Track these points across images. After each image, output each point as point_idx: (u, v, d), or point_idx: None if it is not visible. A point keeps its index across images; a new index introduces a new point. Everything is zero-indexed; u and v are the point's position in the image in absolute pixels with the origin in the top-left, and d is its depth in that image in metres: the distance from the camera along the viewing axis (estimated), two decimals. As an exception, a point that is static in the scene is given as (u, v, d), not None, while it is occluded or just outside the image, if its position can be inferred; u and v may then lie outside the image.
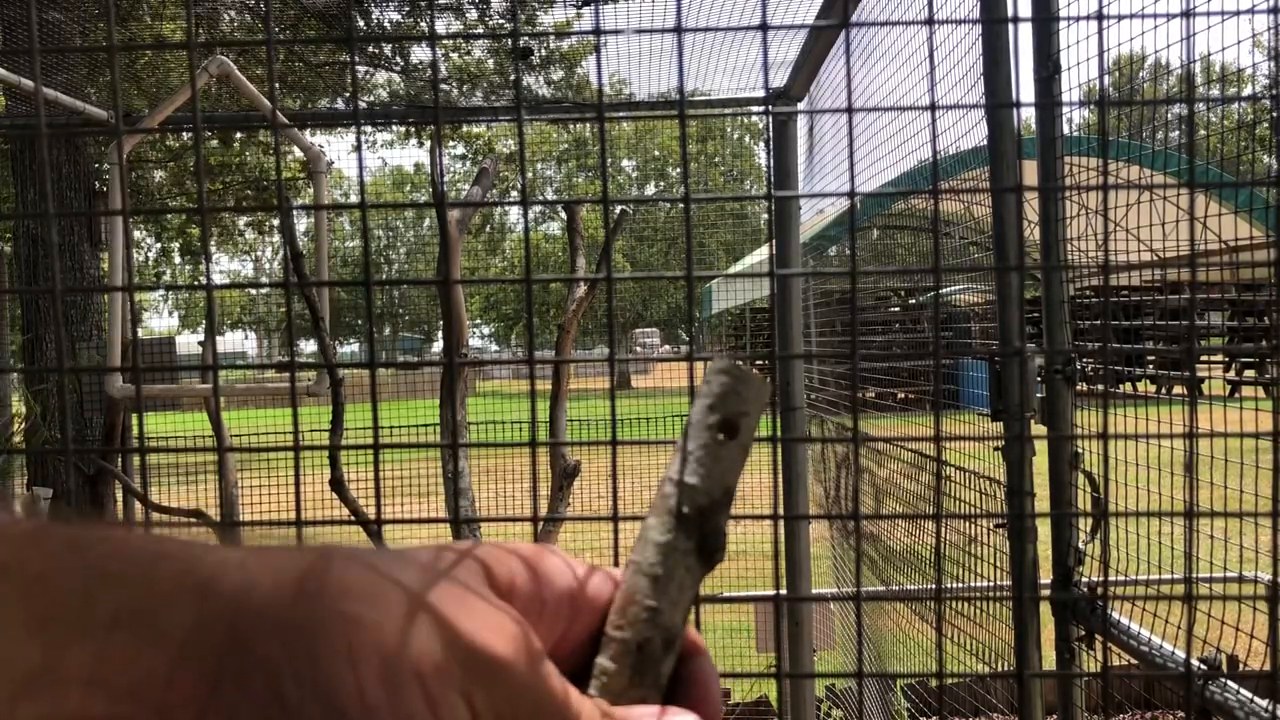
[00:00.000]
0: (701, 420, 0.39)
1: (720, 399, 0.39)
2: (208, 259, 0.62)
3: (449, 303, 0.63)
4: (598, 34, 0.63)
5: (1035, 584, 1.67)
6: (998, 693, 3.31)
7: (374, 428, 0.61)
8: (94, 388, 4.37)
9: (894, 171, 2.31)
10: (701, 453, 0.38)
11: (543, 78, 8.46)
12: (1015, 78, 1.59)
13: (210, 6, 4.99)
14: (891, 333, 5.24)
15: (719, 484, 0.38)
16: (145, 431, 1.34)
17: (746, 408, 0.39)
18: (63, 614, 0.30)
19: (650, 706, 0.36)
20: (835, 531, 3.53)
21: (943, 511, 0.58)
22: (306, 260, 2.79)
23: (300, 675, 0.30)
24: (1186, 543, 0.61)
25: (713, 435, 0.38)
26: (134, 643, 0.30)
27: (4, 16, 3.75)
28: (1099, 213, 1.55)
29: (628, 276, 0.67)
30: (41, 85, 0.54)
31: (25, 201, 5.56)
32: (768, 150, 2.98)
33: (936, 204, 0.62)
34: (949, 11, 1.94)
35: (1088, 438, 1.54)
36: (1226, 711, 1.17)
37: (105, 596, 0.31)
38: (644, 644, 0.36)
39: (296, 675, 0.30)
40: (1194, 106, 0.63)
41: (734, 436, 0.39)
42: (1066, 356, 1.58)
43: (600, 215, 4.05)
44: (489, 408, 9.03)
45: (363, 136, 4.84)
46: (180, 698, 0.29)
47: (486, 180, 2.72)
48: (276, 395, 3.22)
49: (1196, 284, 0.58)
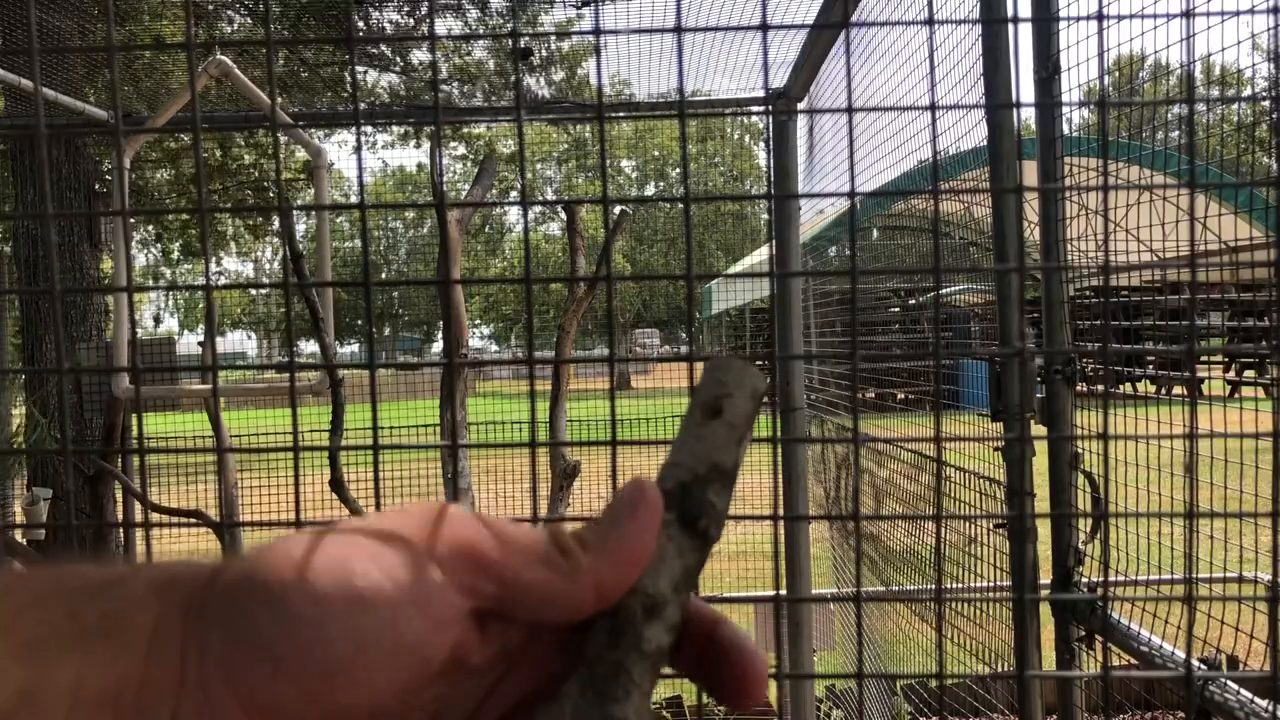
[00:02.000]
0: (689, 411, 0.41)
1: (703, 388, 0.41)
2: (207, 259, 0.62)
3: (449, 303, 0.62)
4: (597, 34, 0.63)
5: (1035, 584, 1.67)
6: (998, 693, 3.31)
7: (374, 428, 0.61)
8: (94, 388, 4.37)
9: (894, 172, 2.31)
10: (684, 435, 0.40)
11: (544, 78, 8.46)
12: (1015, 78, 1.58)
13: (210, 7, 4.99)
14: (891, 333, 5.25)
15: (703, 460, 0.39)
16: (145, 432, 1.34)
17: (728, 390, 0.41)
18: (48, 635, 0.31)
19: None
20: (835, 532, 3.53)
21: (943, 512, 0.58)
22: (307, 260, 2.78)
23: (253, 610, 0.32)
24: (1186, 543, 0.61)
25: (694, 419, 0.40)
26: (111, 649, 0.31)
27: (3, 17, 3.75)
28: (1099, 213, 1.55)
29: (628, 277, 0.67)
30: (41, 86, 0.54)
31: (25, 202, 5.56)
32: (768, 150, 2.98)
33: (936, 204, 0.62)
34: (949, 11, 1.94)
35: (1088, 438, 1.54)
36: (1226, 712, 1.17)
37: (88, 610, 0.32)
38: (619, 608, 0.36)
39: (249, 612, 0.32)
40: (1194, 107, 0.63)
41: (717, 417, 0.40)
42: (1066, 357, 1.58)
43: (600, 215, 4.05)
44: (489, 408, 9.03)
45: (362, 137, 4.84)
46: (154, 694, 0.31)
47: (486, 180, 2.72)
48: (276, 395, 3.23)
49: (1196, 284, 0.58)
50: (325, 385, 2.66)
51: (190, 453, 7.81)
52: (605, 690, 0.35)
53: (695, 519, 0.38)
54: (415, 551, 0.34)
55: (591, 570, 0.35)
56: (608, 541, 0.36)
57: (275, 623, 0.31)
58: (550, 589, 0.35)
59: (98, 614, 0.32)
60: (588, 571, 0.35)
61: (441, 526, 0.35)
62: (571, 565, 0.35)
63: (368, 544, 0.34)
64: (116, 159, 0.64)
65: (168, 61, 4.17)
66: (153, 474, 5.92)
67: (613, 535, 0.36)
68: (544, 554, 0.35)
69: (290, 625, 0.31)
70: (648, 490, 0.38)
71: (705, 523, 0.38)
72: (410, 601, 0.33)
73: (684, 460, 0.39)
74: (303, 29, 4.86)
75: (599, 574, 0.36)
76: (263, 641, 0.31)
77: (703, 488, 0.39)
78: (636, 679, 0.35)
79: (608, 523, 0.37)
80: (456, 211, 2.58)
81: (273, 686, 0.31)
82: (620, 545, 0.36)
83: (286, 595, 0.31)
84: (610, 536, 0.36)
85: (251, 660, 0.31)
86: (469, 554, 0.34)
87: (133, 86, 3.94)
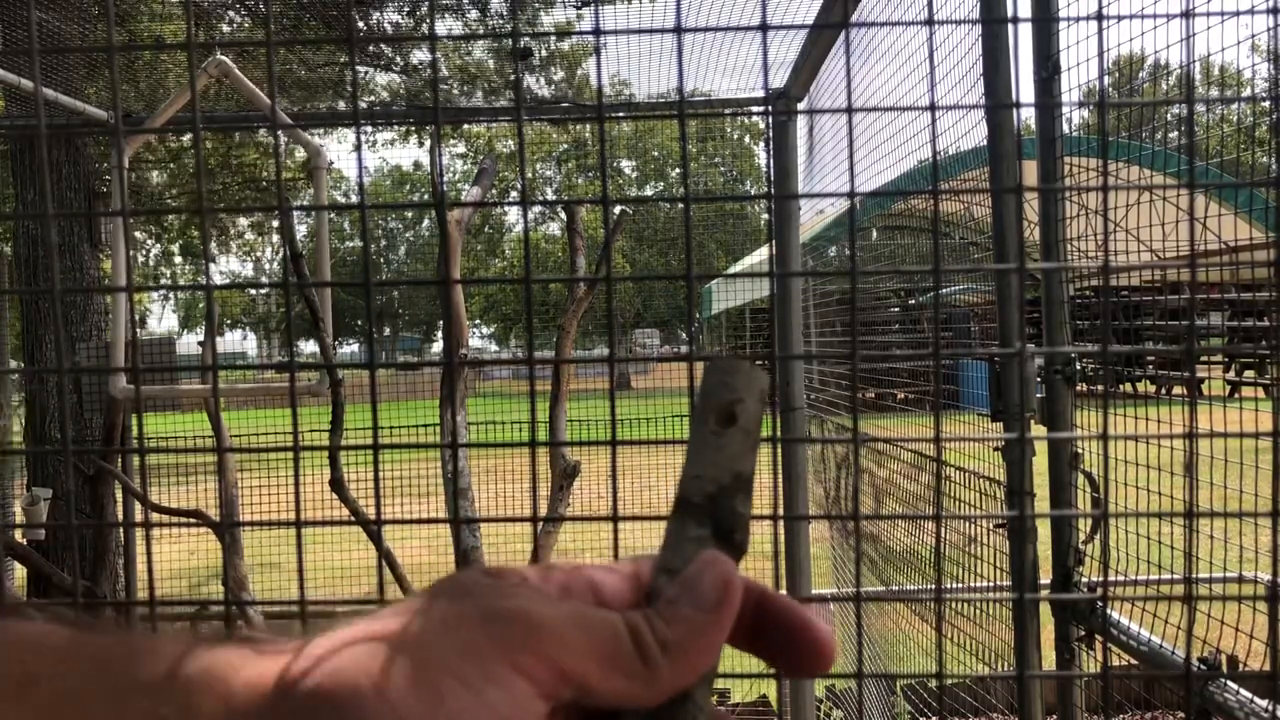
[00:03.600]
0: (699, 416, 0.40)
1: (712, 393, 0.40)
2: (207, 259, 0.62)
3: (449, 303, 0.62)
4: (597, 34, 0.63)
5: (1035, 584, 1.67)
6: (998, 693, 3.31)
7: (374, 428, 0.61)
8: (93, 388, 4.37)
9: (894, 171, 2.31)
10: (702, 445, 0.40)
11: (543, 78, 8.46)
12: (1015, 78, 1.58)
13: (206, 4, 4.99)
14: (891, 333, 5.25)
15: (726, 470, 0.39)
16: (145, 432, 1.34)
17: (739, 394, 0.40)
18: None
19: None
20: (835, 532, 3.53)
21: (943, 512, 0.58)
22: (307, 260, 2.79)
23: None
24: (1186, 543, 0.61)
25: (710, 428, 0.40)
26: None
27: (3, 17, 3.75)
28: (1099, 213, 1.55)
29: (628, 277, 0.67)
30: (41, 86, 0.54)
31: (25, 202, 5.56)
32: (768, 150, 2.98)
33: (936, 204, 0.62)
34: (949, 12, 1.94)
35: (1088, 438, 1.54)
36: (1226, 712, 1.17)
37: (135, 710, 0.30)
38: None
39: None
40: (1194, 107, 0.63)
41: (732, 424, 0.40)
42: (1066, 357, 1.58)
43: (600, 215, 4.04)
44: (489, 408, 9.04)
45: (362, 137, 4.83)
46: None
47: (486, 180, 2.72)
48: (276, 395, 3.23)
49: (1196, 284, 0.58)
50: (325, 385, 2.66)
51: (190, 453, 7.81)
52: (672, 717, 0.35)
53: (730, 532, 0.38)
54: (497, 662, 0.32)
55: (671, 679, 0.34)
56: (692, 646, 0.35)
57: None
58: (629, 696, 0.34)
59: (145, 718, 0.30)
60: (668, 680, 0.34)
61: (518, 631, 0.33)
62: (651, 674, 0.34)
63: (449, 654, 0.32)
64: (116, 159, 0.64)
65: (168, 61, 4.17)
66: (152, 474, 5.92)
67: (697, 640, 0.35)
68: (623, 661, 0.34)
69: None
70: (732, 584, 0.36)
71: (740, 536, 0.39)
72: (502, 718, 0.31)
73: (706, 471, 0.39)
74: (304, 29, 4.87)
75: (679, 680, 0.35)
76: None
77: (730, 499, 0.39)
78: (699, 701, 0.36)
79: (689, 620, 0.35)
80: (456, 211, 2.58)
81: None
82: (705, 650, 0.35)
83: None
84: (694, 641, 0.35)
85: None
86: (548, 661, 0.33)
87: (132, 87, 3.94)
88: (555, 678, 0.32)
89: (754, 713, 4.11)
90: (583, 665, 0.33)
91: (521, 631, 0.32)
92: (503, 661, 0.32)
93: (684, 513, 0.39)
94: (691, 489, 0.39)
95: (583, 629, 0.34)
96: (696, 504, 0.38)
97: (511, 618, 0.33)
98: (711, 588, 0.36)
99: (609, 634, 0.34)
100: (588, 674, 0.33)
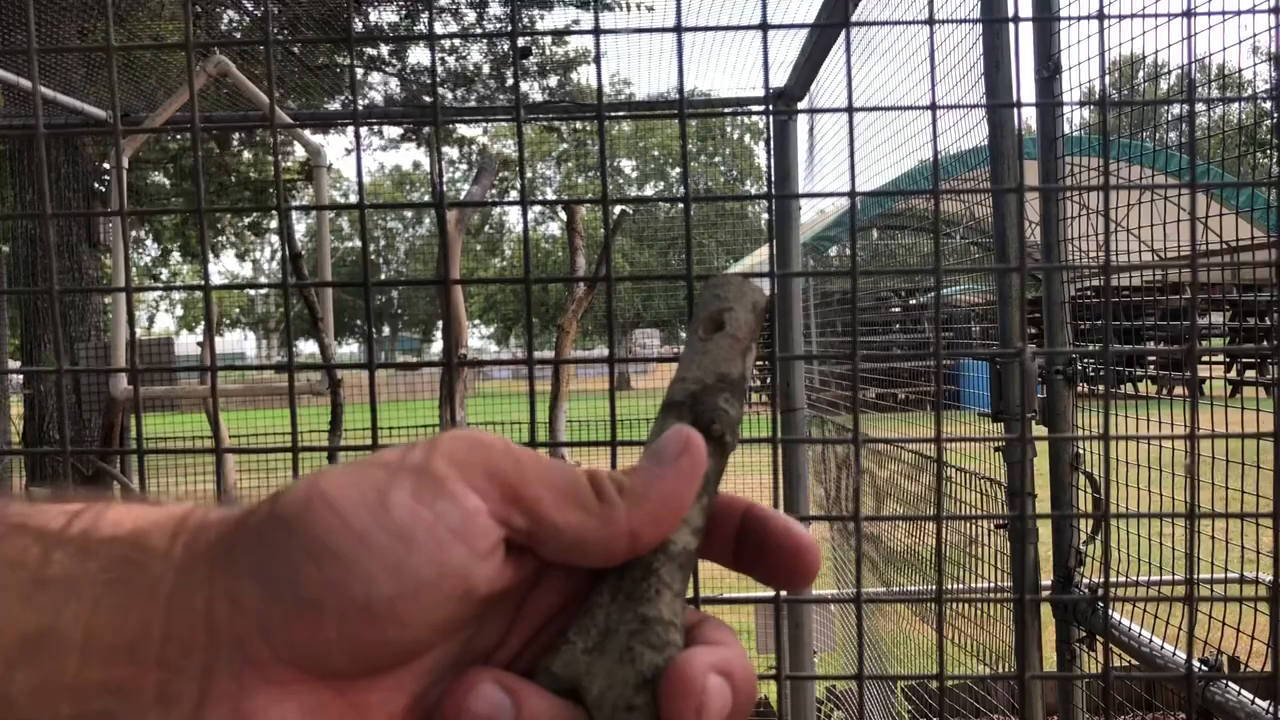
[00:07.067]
0: (690, 328, 0.42)
1: (703, 305, 0.42)
2: (205, 260, 0.62)
3: (449, 303, 0.62)
4: (597, 34, 0.63)
5: (1036, 585, 1.66)
6: (999, 694, 3.31)
7: (373, 428, 0.61)
8: (93, 389, 4.37)
9: (894, 171, 2.31)
10: (688, 352, 0.41)
11: (538, 84, 8.47)
12: (1016, 78, 1.58)
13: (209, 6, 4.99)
14: (892, 333, 5.25)
15: (709, 372, 0.39)
16: (144, 432, 1.34)
17: (728, 304, 0.41)
18: (57, 576, 0.30)
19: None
20: (835, 532, 3.53)
21: (943, 512, 0.57)
22: (306, 260, 2.78)
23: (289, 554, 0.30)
24: (1187, 544, 0.61)
25: (696, 336, 0.41)
26: (126, 600, 0.30)
27: (3, 17, 3.75)
28: (1100, 213, 1.55)
29: (628, 277, 0.67)
30: (40, 85, 0.54)
31: (24, 202, 5.55)
32: (768, 150, 2.97)
33: (937, 204, 0.61)
34: (949, 11, 1.94)
35: (1088, 438, 1.53)
36: (1227, 713, 1.17)
37: (99, 555, 0.30)
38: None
39: (284, 557, 0.30)
40: (1194, 107, 0.63)
41: (719, 330, 0.40)
42: (1067, 357, 1.57)
43: (600, 215, 4.04)
44: (488, 408, 9.03)
45: (360, 139, 4.85)
46: (179, 648, 0.29)
47: (486, 179, 2.72)
48: (276, 395, 3.23)
49: (1197, 284, 0.58)
50: (324, 386, 2.66)
51: (189, 453, 7.81)
52: (636, 592, 0.35)
53: (709, 424, 0.38)
54: (451, 478, 0.32)
55: (627, 521, 0.34)
56: (648, 491, 0.34)
57: (313, 566, 0.29)
58: (583, 534, 0.33)
59: (113, 559, 0.30)
60: (624, 522, 0.34)
61: (475, 453, 0.33)
62: (607, 513, 0.34)
63: (401, 473, 0.32)
64: (115, 159, 0.64)
65: (167, 60, 4.17)
66: (151, 474, 5.92)
67: (654, 485, 0.35)
68: (579, 496, 0.34)
69: (329, 566, 0.29)
70: (694, 440, 0.36)
71: (720, 428, 0.38)
72: (450, 530, 0.31)
73: (690, 374, 0.39)
74: (302, 29, 4.87)
75: (635, 524, 0.34)
76: (302, 589, 0.29)
77: (713, 396, 0.39)
78: (666, 579, 0.35)
79: (648, 470, 0.35)
80: (455, 211, 2.58)
81: (315, 634, 0.29)
82: (662, 498, 0.35)
83: (323, 534, 0.30)
84: (651, 486, 0.35)
85: (292, 610, 0.29)
86: (502, 483, 0.32)
87: (132, 86, 3.94)
88: (507, 497, 0.32)
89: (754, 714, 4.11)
90: (536, 489, 0.33)
91: (478, 450, 0.33)
92: (455, 477, 0.32)
93: (666, 411, 0.39)
94: (675, 390, 0.39)
95: (540, 461, 0.34)
96: (678, 401, 0.39)
97: (469, 438, 0.33)
98: (671, 443, 0.36)
99: (567, 472, 0.34)
100: (540, 499, 0.33)
